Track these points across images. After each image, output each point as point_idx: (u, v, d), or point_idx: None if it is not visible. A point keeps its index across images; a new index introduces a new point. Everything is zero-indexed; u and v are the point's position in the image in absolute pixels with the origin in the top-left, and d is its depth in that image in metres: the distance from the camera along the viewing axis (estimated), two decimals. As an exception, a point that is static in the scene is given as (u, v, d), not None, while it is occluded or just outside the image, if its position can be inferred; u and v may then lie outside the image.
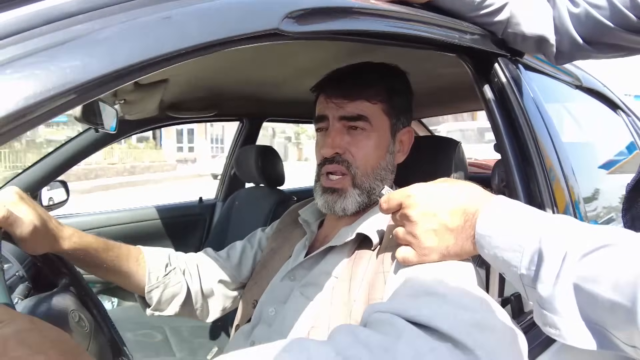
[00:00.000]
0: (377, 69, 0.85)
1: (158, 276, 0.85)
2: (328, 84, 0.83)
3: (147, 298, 0.85)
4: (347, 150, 0.79)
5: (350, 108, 0.79)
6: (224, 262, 0.95)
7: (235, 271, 0.95)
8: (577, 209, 0.96)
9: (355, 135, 0.79)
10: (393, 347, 0.43)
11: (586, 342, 0.43)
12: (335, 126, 0.80)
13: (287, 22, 0.47)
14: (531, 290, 0.49)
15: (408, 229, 0.59)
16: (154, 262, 0.86)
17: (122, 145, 19.40)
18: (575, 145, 1.36)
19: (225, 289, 0.94)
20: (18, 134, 0.36)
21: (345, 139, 0.79)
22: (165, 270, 0.86)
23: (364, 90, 0.79)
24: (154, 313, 0.87)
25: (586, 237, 0.46)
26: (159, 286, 0.85)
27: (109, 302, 1.92)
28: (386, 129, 0.81)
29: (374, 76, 0.82)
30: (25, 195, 0.66)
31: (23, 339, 0.40)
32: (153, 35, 0.38)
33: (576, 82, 1.42)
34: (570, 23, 0.80)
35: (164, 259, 0.88)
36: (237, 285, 0.95)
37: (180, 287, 0.87)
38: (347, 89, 0.80)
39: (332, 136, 0.79)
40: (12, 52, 0.35)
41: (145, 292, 0.84)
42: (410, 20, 0.68)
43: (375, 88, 0.80)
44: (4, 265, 1.10)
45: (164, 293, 0.86)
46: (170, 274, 0.87)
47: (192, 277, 0.90)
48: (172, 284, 0.86)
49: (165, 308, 0.87)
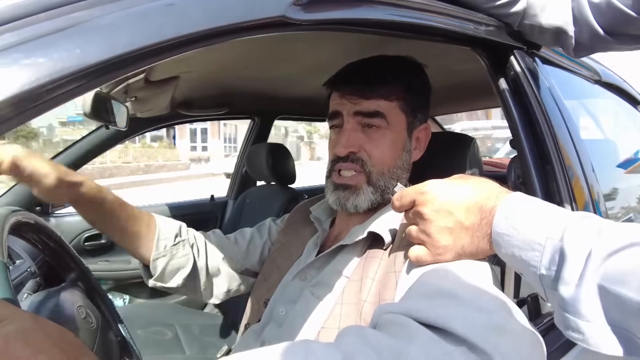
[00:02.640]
0: (393, 64, 0.81)
1: (166, 245, 0.83)
2: (342, 80, 0.80)
3: (151, 266, 0.83)
4: (362, 148, 0.76)
5: (365, 104, 0.76)
6: (232, 244, 0.94)
7: (242, 255, 0.93)
8: (597, 208, 0.93)
9: (371, 134, 0.76)
10: (404, 351, 0.41)
11: (612, 347, 0.41)
12: (350, 123, 0.77)
13: (293, 9, 0.45)
14: (552, 291, 0.46)
15: (421, 227, 0.57)
16: (165, 230, 0.84)
17: (137, 144, 19.69)
18: (594, 142, 1.32)
19: (230, 269, 0.92)
20: (18, 123, 0.36)
21: (360, 137, 0.76)
22: (175, 241, 0.85)
23: (380, 87, 0.76)
24: (156, 284, 0.85)
25: (612, 234, 0.43)
26: (166, 255, 0.83)
27: (121, 299, 1.94)
28: (403, 127, 0.78)
29: (390, 72, 0.78)
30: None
31: (25, 337, 0.39)
32: (155, 22, 0.37)
33: (595, 76, 1.38)
34: (590, 13, 0.76)
35: (175, 229, 0.86)
36: (243, 268, 0.93)
37: (186, 260, 0.86)
38: (363, 85, 0.76)
39: (346, 134, 0.76)
40: (10, 39, 0.34)
41: (151, 259, 0.82)
42: (423, 10, 0.66)
43: (392, 86, 0.77)
44: (16, 261, 1.11)
45: (170, 263, 0.84)
46: (178, 245, 0.85)
47: (200, 253, 0.89)
48: (179, 255, 0.85)
49: (169, 280, 0.85)
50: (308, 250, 0.84)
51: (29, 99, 0.33)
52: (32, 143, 16.20)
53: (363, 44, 0.98)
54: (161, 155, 19.89)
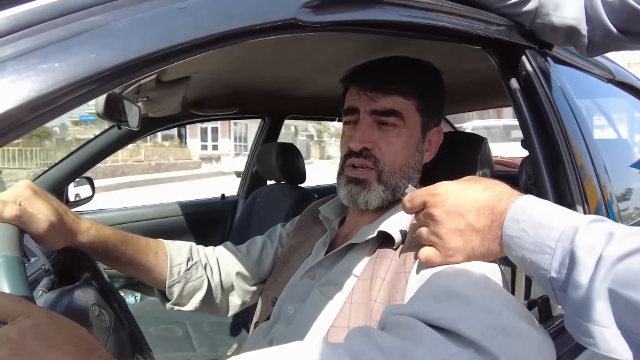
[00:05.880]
0: (412, 64, 0.82)
1: (180, 270, 0.84)
2: (361, 76, 0.80)
3: (167, 292, 0.84)
4: (377, 145, 0.76)
5: (383, 102, 0.76)
6: (244, 257, 0.94)
7: (255, 266, 0.94)
8: (610, 209, 0.92)
9: (386, 131, 0.77)
10: (411, 353, 0.41)
11: (622, 352, 0.40)
12: (366, 120, 0.77)
13: (304, 11, 0.45)
14: (562, 295, 0.46)
15: (432, 228, 0.57)
16: (176, 256, 0.85)
17: (148, 143, 19.85)
18: (607, 142, 1.31)
19: (244, 283, 0.93)
20: (34, 126, 0.36)
21: (375, 134, 0.76)
22: (187, 265, 0.85)
23: (399, 85, 0.76)
24: (174, 307, 0.87)
25: (623, 238, 0.43)
26: (180, 281, 0.84)
27: (132, 296, 1.96)
28: (417, 127, 0.79)
29: (410, 71, 0.79)
30: (39, 189, 0.64)
31: (40, 332, 0.40)
32: (167, 26, 0.38)
33: (608, 75, 1.36)
34: (603, 11, 0.75)
35: (187, 253, 0.87)
36: (257, 280, 0.94)
37: (201, 282, 0.87)
38: (382, 82, 0.77)
39: (362, 130, 0.76)
40: (27, 44, 0.35)
41: (167, 286, 0.83)
42: (433, 10, 0.66)
43: (411, 84, 0.77)
44: (31, 258, 1.13)
45: (185, 287, 0.85)
46: (192, 269, 0.85)
47: (213, 272, 0.90)
48: (193, 278, 0.85)
49: (186, 303, 0.86)
50: (317, 249, 0.84)
51: (45, 103, 0.34)
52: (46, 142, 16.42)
53: (373, 43, 0.98)
54: (172, 154, 20.03)
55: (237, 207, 2.23)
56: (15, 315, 0.40)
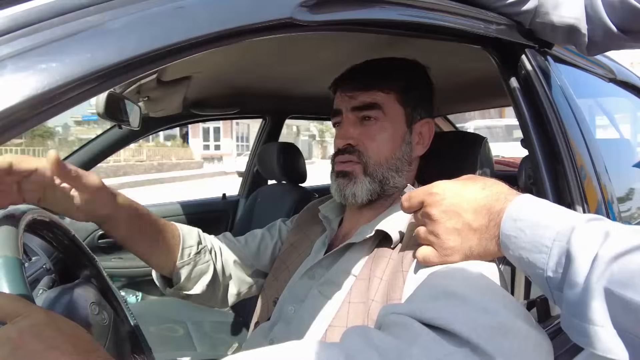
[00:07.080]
0: (391, 61, 0.84)
1: (190, 252, 0.84)
2: (342, 80, 0.84)
3: (174, 274, 0.83)
4: (360, 141, 0.79)
5: (362, 97, 0.79)
6: (242, 247, 0.94)
7: (252, 257, 0.94)
8: (610, 209, 0.91)
9: (368, 126, 0.79)
10: (406, 352, 0.41)
11: (618, 352, 0.40)
12: (348, 118, 0.80)
13: (301, 10, 0.45)
14: (558, 294, 0.46)
15: (430, 228, 0.57)
16: (188, 238, 0.85)
17: (150, 143, 19.89)
18: (608, 142, 1.30)
19: (242, 272, 0.93)
20: (34, 124, 0.37)
21: (357, 130, 0.79)
22: (198, 248, 0.85)
23: (377, 81, 0.79)
24: (176, 292, 0.85)
25: (619, 237, 0.42)
26: (190, 263, 0.83)
27: (133, 296, 1.96)
28: (401, 119, 0.80)
29: (388, 68, 0.82)
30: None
31: (38, 332, 0.40)
32: (164, 25, 0.38)
33: (609, 74, 1.36)
34: (603, 10, 0.75)
35: (197, 237, 0.87)
36: (253, 271, 0.94)
37: (207, 267, 0.87)
38: (360, 80, 0.80)
39: (344, 127, 0.80)
40: (25, 44, 0.35)
41: (176, 267, 0.82)
42: (432, 9, 0.66)
43: (389, 79, 0.80)
44: (32, 257, 1.14)
45: (194, 270, 0.84)
46: (201, 252, 0.86)
47: (217, 258, 0.90)
48: (202, 262, 0.86)
49: (191, 287, 0.85)
50: (316, 249, 0.84)
51: (44, 102, 0.34)
52: (48, 142, 16.47)
53: (373, 42, 0.98)
54: (174, 154, 20.06)
55: (238, 206, 2.23)
56: (14, 316, 0.41)
